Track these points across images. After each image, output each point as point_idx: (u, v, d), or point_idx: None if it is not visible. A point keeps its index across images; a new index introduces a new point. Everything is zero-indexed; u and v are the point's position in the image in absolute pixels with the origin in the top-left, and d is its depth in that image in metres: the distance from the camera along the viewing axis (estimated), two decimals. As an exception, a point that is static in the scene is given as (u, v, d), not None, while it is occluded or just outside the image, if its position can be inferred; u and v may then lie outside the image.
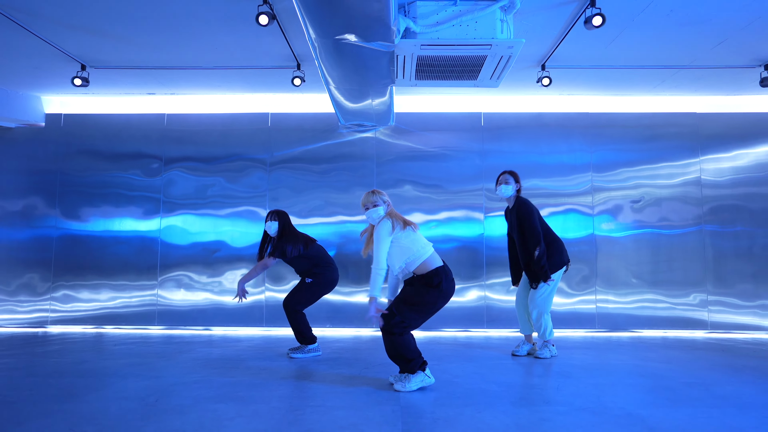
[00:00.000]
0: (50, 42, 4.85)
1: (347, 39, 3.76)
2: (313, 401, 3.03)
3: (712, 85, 5.95)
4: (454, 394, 3.20)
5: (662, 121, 6.41)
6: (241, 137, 6.51)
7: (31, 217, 6.45)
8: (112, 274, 6.36)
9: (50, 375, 3.69)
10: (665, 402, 3.04)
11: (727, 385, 3.48)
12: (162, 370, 3.91)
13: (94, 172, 6.49)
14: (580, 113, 6.46)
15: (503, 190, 4.46)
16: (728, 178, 6.32)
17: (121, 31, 4.67)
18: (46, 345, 5.11)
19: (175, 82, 6.00)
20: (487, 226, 6.35)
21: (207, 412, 2.78)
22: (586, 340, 5.58)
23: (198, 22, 4.48)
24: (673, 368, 4.07)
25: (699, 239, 6.25)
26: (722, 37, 4.66)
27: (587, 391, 3.30)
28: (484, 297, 6.27)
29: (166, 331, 6.21)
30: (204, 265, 6.36)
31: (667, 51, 5.01)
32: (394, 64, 4.34)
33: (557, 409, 2.88)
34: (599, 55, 5.11)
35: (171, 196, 6.46)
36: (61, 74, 5.63)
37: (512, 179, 4.48)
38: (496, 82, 4.73)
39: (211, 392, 3.23)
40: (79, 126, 6.56)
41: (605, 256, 6.27)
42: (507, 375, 3.78)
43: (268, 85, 6.08)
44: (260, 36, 4.68)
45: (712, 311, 6.17)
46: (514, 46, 4.01)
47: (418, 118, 6.50)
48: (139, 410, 2.82)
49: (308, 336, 4.55)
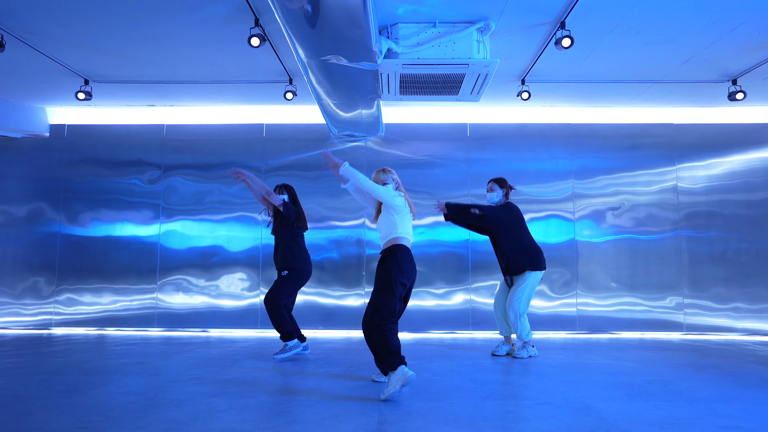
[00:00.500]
0: (56, 59, 5.13)
1: (333, 60, 4.04)
2: (300, 395, 3.30)
3: (685, 98, 6.24)
4: (430, 390, 3.47)
5: (640, 132, 6.70)
6: (237, 146, 6.80)
7: (36, 222, 6.73)
8: (113, 277, 6.63)
9: (56, 373, 3.96)
10: (622, 396, 3.31)
11: (686, 382, 3.75)
12: (160, 368, 4.18)
13: (96, 179, 6.77)
14: (561, 124, 6.75)
15: (489, 197, 4.92)
16: (703, 186, 6.60)
17: (123, 50, 4.96)
18: (51, 346, 5.37)
19: (174, 95, 6.28)
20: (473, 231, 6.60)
21: (201, 405, 3.05)
22: (566, 342, 5.84)
23: (194, 42, 4.77)
24: (641, 367, 4.33)
25: (675, 244, 6.53)
26: (689, 54, 4.94)
27: (554, 387, 3.57)
28: (470, 300, 6.54)
29: (165, 333, 6.48)
30: (202, 269, 6.63)
31: (638, 67, 5.29)
32: (378, 81, 4.62)
33: (522, 403, 3.14)
34: (575, 70, 5.40)
35: (170, 203, 6.74)
36: (65, 88, 5.92)
37: (497, 186, 4.88)
38: (477, 97, 5.02)
39: (206, 388, 3.49)
40: (82, 136, 6.85)
41: (586, 260, 6.54)
42: (484, 373, 4.05)
43: (262, 98, 6.37)
44: (253, 54, 4.97)
45: (688, 314, 6.44)
46: (490, 65, 4.30)
47: (406, 129, 6.78)
48: (139, 403, 3.09)
49: (289, 331, 4.67)
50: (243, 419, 2.78)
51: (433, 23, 4.24)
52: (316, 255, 6.61)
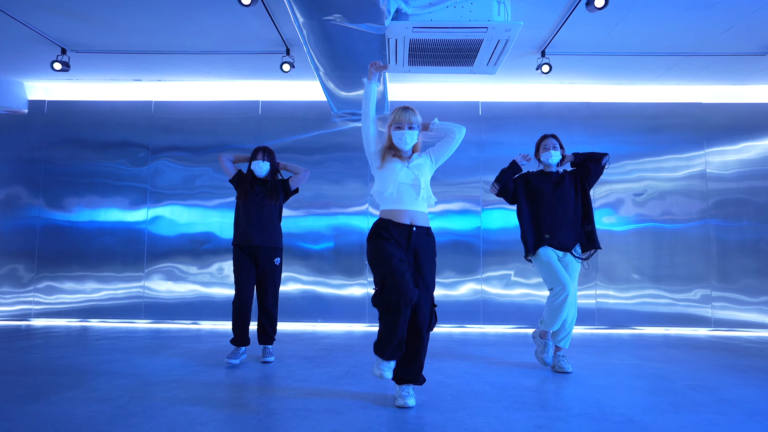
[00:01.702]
0: (30, 25, 4.66)
1: (335, 20, 3.55)
2: (294, 403, 2.85)
3: (718, 74, 5.74)
4: (443, 397, 3.02)
5: (666, 112, 6.21)
6: (231, 126, 6.32)
7: (14, 206, 6.27)
8: (97, 265, 6.19)
9: (23, 372, 3.52)
10: (668, 407, 2.87)
11: (733, 388, 3.31)
12: (141, 367, 3.75)
13: (79, 161, 6.31)
14: (580, 103, 6.26)
15: (554, 156, 3.79)
16: (734, 171, 6.13)
17: (102, 14, 4.48)
18: (29, 339, 4.95)
19: (162, 68, 5.79)
20: (485, 218, 6.16)
21: (179, 416, 2.61)
22: (585, 338, 5.41)
23: (179, 4, 4.27)
24: (675, 369, 3.89)
25: (703, 233, 6.07)
26: (731, 22, 4.45)
27: (586, 394, 3.12)
28: (481, 291, 6.10)
29: (153, 325, 6.05)
30: (192, 256, 6.19)
31: (672, 37, 4.80)
32: (385, 49, 4.13)
33: (552, 415, 2.70)
34: (601, 41, 4.91)
35: (158, 186, 6.28)
36: (42, 59, 5.43)
37: (559, 144, 3.85)
38: (494, 69, 4.53)
39: (188, 393, 3.05)
40: (63, 113, 6.37)
41: (606, 250, 6.04)
42: (502, 375, 3.61)
43: (258, 72, 5.88)
44: (246, 19, 4.48)
45: (716, 308, 5.99)
46: (512, 29, 3.80)
47: (413, 107, 6.28)
48: (107, 413, 2.65)
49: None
50: (225, 436, 2.33)
51: (448, -20, 3.74)
52: (316, 243, 6.17)
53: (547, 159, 3.82)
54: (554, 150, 3.80)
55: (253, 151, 4.09)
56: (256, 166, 4.04)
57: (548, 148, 3.82)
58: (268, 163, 4.04)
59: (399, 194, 2.85)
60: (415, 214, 2.85)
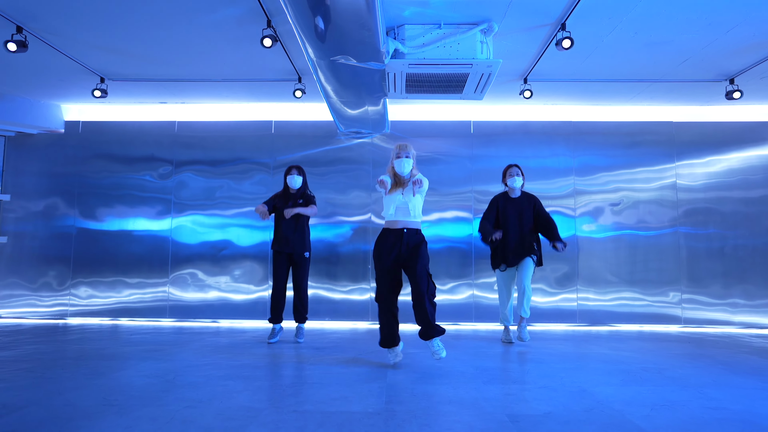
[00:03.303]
0: (75, 59, 5.32)
1: (342, 60, 4.21)
2: (311, 379, 3.48)
3: (684, 97, 6.38)
4: (434, 375, 3.65)
5: (640, 129, 6.85)
6: (247, 143, 6.98)
7: (51, 217, 6.94)
8: (126, 270, 6.83)
9: (78, 358, 4.15)
10: (617, 382, 3.48)
11: (679, 369, 3.91)
12: (176, 354, 4.37)
13: (109, 174, 6.97)
14: (562, 122, 6.90)
15: (517, 181, 5.03)
16: (702, 183, 6.75)
17: (139, 50, 5.14)
18: (68, 334, 5.57)
19: (186, 93, 6.47)
20: (476, 226, 6.78)
21: (218, 387, 3.24)
22: (566, 333, 6.01)
23: (208, 42, 4.95)
24: (638, 356, 4.50)
25: (674, 240, 6.68)
26: (686, 55, 5.09)
27: (553, 373, 3.74)
28: (473, 294, 6.71)
29: (177, 323, 6.68)
30: (212, 262, 6.83)
31: (637, 67, 5.44)
32: (385, 80, 4.79)
33: (522, 387, 3.32)
34: (576, 70, 5.55)
35: (181, 198, 6.93)
36: (82, 86, 6.11)
37: (521, 172, 5.07)
38: (480, 96, 5.18)
39: (221, 372, 3.68)
40: (96, 132, 7.05)
41: (586, 255, 6.71)
42: (485, 360, 4.23)
43: (272, 96, 6.55)
44: (264, 54, 5.14)
45: (686, 308, 6.60)
46: (493, 65, 4.46)
47: (411, 126, 6.96)
48: (159, 385, 3.28)
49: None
50: (258, 399, 2.96)
51: (438, 24, 4.40)
52: (324, 249, 6.80)
53: (512, 183, 5.07)
54: (517, 176, 5.04)
55: (288, 168, 5.23)
56: (291, 180, 5.16)
57: (513, 175, 5.05)
58: (301, 177, 5.19)
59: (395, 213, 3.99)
60: (407, 222, 3.97)
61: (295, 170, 5.18)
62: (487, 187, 6.81)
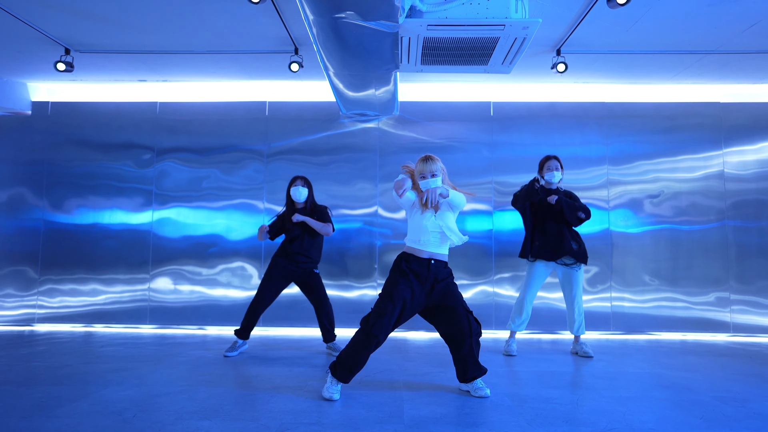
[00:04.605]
0: (32, 25, 4.54)
1: (347, 17, 3.42)
2: (308, 417, 2.73)
3: (738, 73, 5.58)
4: (463, 410, 2.89)
5: (683, 111, 6.06)
6: (237, 127, 6.20)
7: (17, 209, 6.16)
8: (101, 268, 6.07)
9: (24, 383, 3.41)
10: (699, 422, 2.73)
11: (764, 400, 3.16)
12: (147, 377, 3.63)
13: (83, 162, 6.19)
14: (595, 103, 6.11)
15: (556, 176, 4.45)
16: (753, 172, 5.97)
17: (106, 12, 4.35)
18: (31, 346, 4.84)
19: (167, 68, 5.67)
20: (497, 220, 6.03)
21: (188, 430, 2.49)
22: (601, 344, 5.26)
23: (185, 1, 4.15)
24: (699, 378, 3.75)
25: (721, 236, 5.91)
26: (756, 18, 4.29)
27: (609, 407, 2.98)
28: (493, 294, 5.96)
29: (159, 330, 5.93)
30: (198, 259, 6.07)
31: (692, 34, 4.64)
32: (398, 47, 4.01)
33: (579, 430, 2.57)
34: (619, 39, 4.76)
35: (163, 188, 6.16)
36: (45, 59, 5.32)
37: (560, 165, 4.51)
38: (509, 68, 4.39)
39: (196, 405, 2.93)
40: (67, 114, 6.25)
41: (621, 253, 5.94)
42: (521, 387, 3.47)
43: (265, 72, 5.75)
44: (254, 17, 4.35)
45: (735, 311, 5.83)
46: (530, 27, 3.67)
47: (423, 108, 6.17)
48: (113, 427, 2.53)
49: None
50: (237, 455, 2.21)
51: (463, -24, 3.61)
52: (325, 247, 6.04)
53: (550, 178, 4.46)
54: (557, 171, 4.45)
55: (292, 179, 4.44)
56: (295, 192, 4.39)
57: (552, 169, 4.46)
58: (306, 189, 4.40)
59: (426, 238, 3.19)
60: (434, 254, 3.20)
61: (299, 181, 4.42)
62: (509, 178, 6.03)
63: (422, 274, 3.10)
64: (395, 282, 3.09)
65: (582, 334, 4.61)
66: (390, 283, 3.12)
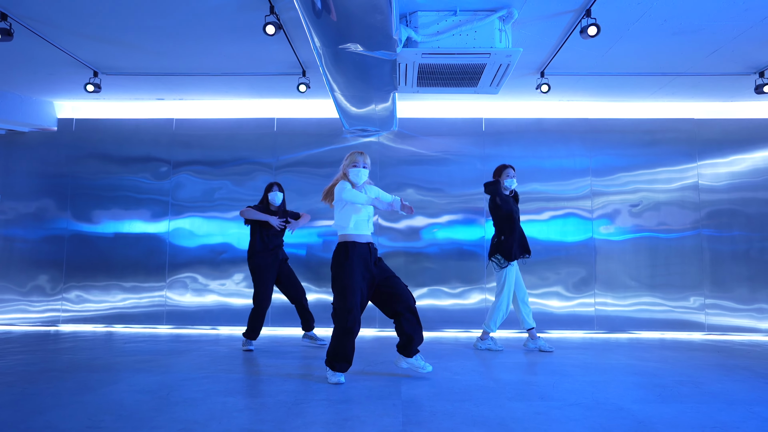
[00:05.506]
0: (65, 50, 5.02)
1: (351, 48, 3.91)
2: (318, 395, 3.16)
3: (709, 92, 6.07)
4: (453, 390, 3.33)
5: (660, 127, 6.54)
6: (248, 141, 6.68)
7: (43, 218, 6.63)
8: (121, 274, 6.52)
9: (65, 370, 3.84)
10: (655, 398, 3.16)
11: (718, 383, 3.59)
12: (171, 366, 4.06)
13: (104, 175, 6.67)
14: (579, 119, 6.59)
15: (514, 183, 4.92)
16: (725, 183, 6.44)
17: (133, 40, 4.84)
18: (59, 343, 5.26)
19: (184, 88, 6.16)
20: (488, 229, 6.48)
21: (216, 405, 2.92)
22: (584, 341, 5.69)
23: (206, 32, 4.64)
24: (667, 367, 4.18)
25: (696, 243, 6.36)
26: (716, 45, 4.79)
27: (582, 388, 3.42)
28: (485, 300, 6.39)
29: (174, 330, 6.36)
30: (211, 266, 6.51)
31: (663, 59, 5.14)
32: (396, 72, 4.49)
33: (551, 404, 3.00)
34: (597, 62, 5.25)
35: (179, 199, 6.62)
36: (74, 80, 5.81)
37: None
38: (496, 89, 4.88)
39: (220, 386, 3.36)
40: (90, 130, 6.75)
41: (604, 259, 6.39)
42: (505, 373, 3.91)
43: (274, 91, 6.24)
44: (266, 44, 4.84)
45: (709, 314, 6.27)
46: (512, 55, 4.15)
47: (420, 124, 6.65)
48: (152, 402, 2.96)
49: None
50: (261, 419, 2.64)
51: (453, 11, 4.10)
52: (325, 252, 6.49)
53: (510, 184, 4.92)
54: (514, 178, 4.95)
55: (269, 184, 5.02)
56: (273, 196, 4.95)
57: (511, 176, 4.91)
58: (282, 194, 4.99)
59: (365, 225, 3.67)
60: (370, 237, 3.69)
61: (276, 186, 5.03)
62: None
63: (366, 257, 3.53)
64: (350, 273, 3.46)
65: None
66: (345, 276, 3.46)
